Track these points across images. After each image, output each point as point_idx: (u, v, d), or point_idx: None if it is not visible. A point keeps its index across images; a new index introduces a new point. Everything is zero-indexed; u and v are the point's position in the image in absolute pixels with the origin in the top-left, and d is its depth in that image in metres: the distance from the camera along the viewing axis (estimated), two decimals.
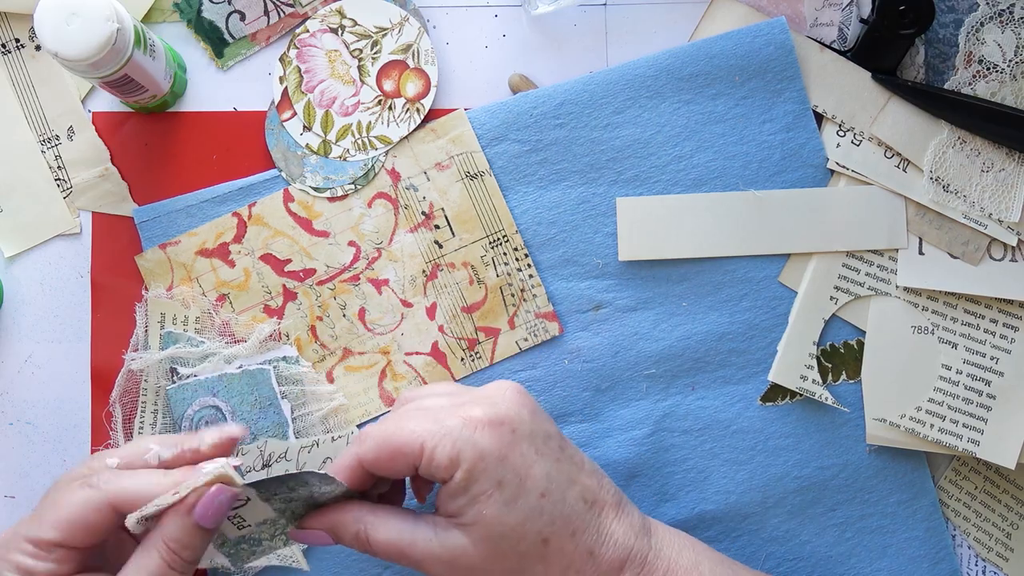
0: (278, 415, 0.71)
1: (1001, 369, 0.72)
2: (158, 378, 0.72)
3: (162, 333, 0.72)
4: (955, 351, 0.73)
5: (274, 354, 0.72)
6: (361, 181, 0.73)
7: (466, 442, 0.57)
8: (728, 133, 0.73)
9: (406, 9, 0.74)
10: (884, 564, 0.73)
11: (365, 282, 0.73)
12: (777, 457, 0.73)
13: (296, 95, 0.74)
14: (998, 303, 0.73)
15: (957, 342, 0.73)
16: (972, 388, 0.72)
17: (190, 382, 0.71)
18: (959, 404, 0.72)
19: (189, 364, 0.72)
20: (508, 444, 0.58)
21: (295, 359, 0.72)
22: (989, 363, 0.72)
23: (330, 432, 0.72)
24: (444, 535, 0.58)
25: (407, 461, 0.58)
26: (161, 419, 0.72)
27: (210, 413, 0.71)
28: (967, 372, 0.73)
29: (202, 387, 0.71)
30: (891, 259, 0.73)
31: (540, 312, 0.73)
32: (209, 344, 0.72)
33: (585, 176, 0.73)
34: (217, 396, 0.71)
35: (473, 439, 0.57)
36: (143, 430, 0.72)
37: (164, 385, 0.72)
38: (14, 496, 0.74)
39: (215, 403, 0.71)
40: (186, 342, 0.72)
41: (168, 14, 0.75)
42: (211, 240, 0.73)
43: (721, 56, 0.73)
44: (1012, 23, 0.73)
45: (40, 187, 0.74)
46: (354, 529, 0.59)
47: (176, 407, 0.71)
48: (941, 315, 0.73)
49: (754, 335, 0.73)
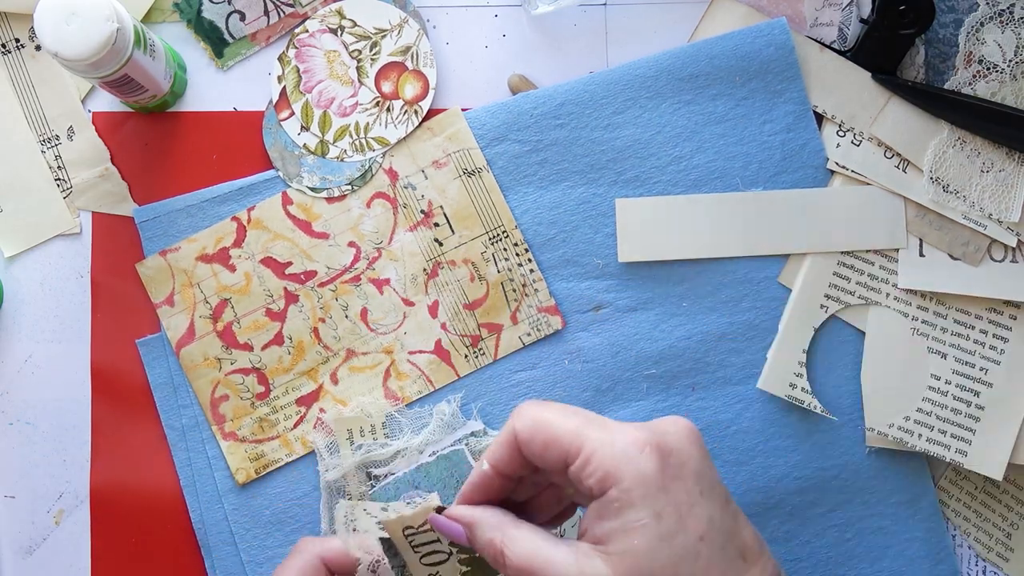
0: None
1: (990, 380, 0.72)
2: (358, 485, 0.72)
3: (353, 448, 0.72)
4: (944, 361, 0.73)
5: (463, 432, 0.72)
6: (358, 182, 0.73)
7: (629, 460, 0.52)
8: (728, 134, 0.73)
9: (406, 11, 0.74)
10: (884, 565, 0.73)
11: (366, 282, 0.73)
12: (777, 458, 0.73)
13: (294, 95, 0.74)
14: (988, 313, 0.73)
15: (947, 352, 0.73)
16: (961, 399, 0.72)
17: (390, 481, 0.71)
18: (947, 415, 0.72)
19: (383, 464, 0.72)
20: (672, 477, 0.53)
21: (483, 432, 0.72)
22: (978, 374, 0.72)
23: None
24: (585, 561, 0.52)
25: (560, 455, 0.54)
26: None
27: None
28: (956, 383, 0.73)
29: (403, 483, 0.71)
30: (885, 265, 0.73)
31: (542, 307, 0.73)
32: (396, 441, 0.72)
33: (585, 176, 0.73)
34: (420, 488, 0.70)
35: (637, 459, 0.52)
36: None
37: (365, 492, 0.71)
38: (14, 496, 0.74)
39: (420, 495, 0.70)
40: (375, 445, 0.72)
41: (168, 14, 0.75)
42: (211, 245, 0.73)
43: (721, 57, 0.73)
44: (1012, 23, 0.73)
45: (40, 187, 0.74)
46: (491, 535, 0.56)
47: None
48: (931, 325, 0.73)
49: (754, 336, 0.74)
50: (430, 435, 0.72)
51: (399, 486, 0.71)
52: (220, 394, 0.73)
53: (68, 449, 0.74)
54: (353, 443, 0.72)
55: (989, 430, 0.72)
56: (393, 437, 0.73)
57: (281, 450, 0.73)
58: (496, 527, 0.56)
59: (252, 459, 0.73)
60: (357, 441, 0.72)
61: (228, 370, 0.73)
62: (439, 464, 0.71)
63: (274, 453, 0.73)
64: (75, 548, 0.74)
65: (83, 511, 0.74)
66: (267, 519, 0.73)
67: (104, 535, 0.74)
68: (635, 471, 0.52)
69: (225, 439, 0.73)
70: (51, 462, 0.74)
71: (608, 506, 0.53)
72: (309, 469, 0.73)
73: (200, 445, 0.73)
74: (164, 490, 0.74)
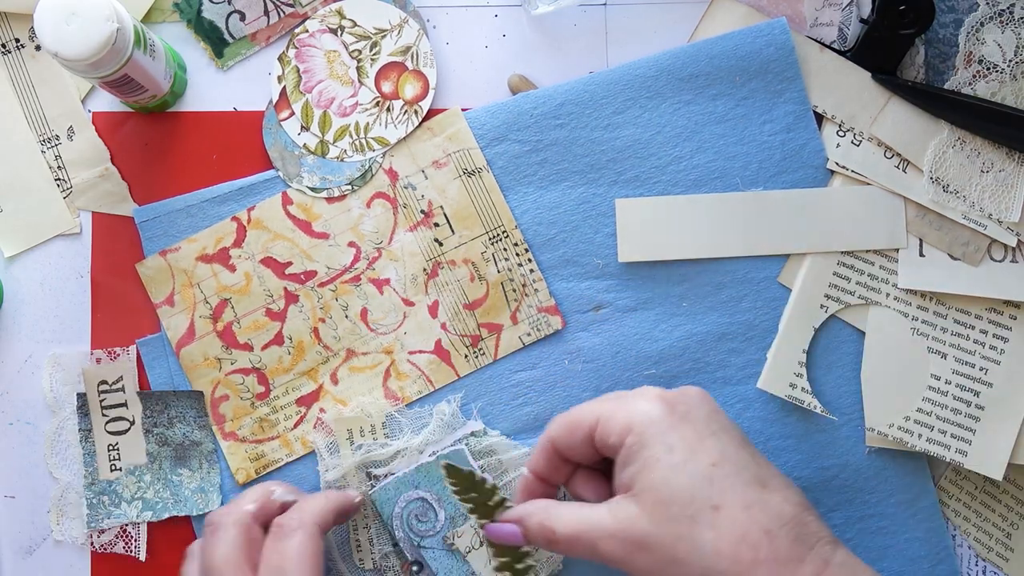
0: None
1: (990, 380, 0.72)
2: (359, 485, 0.72)
3: (353, 448, 0.72)
4: (944, 361, 0.73)
5: (463, 432, 0.72)
6: (358, 182, 0.73)
7: (638, 412, 0.60)
8: (728, 134, 0.73)
9: (406, 11, 0.74)
10: (884, 565, 0.73)
11: (366, 282, 0.73)
12: (777, 458, 0.73)
13: (294, 95, 0.74)
14: (988, 313, 0.73)
15: (947, 352, 0.73)
16: (961, 399, 0.72)
17: (390, 481, 0.71)
18: (947, 415, 0.72)
19: (383, 464, 0.72)
20: (680, 418, 0.59)
21: (483, 432, 0.72)
22: (978, 374, 0.72)
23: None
24: (617, 509, 0.59)
25: (584, 432, 0.61)
26: (373, 523, 0.72)
27: (417, 506, 0.71)
28: (956, 383, 0.72)
29: (403, 483, 0.71)
30: (885, 265, 0.73)
31: (542, 306, 0.73)
32: (396, 441, 0.72)
33: (585, 176, 0.73)
34: (420, 488, 0.71)
35: (646, 408, 0.60)
36: (360, 546, 0.72)
37: (365, 491, 0.72)
38: (14, 496, 0.74)
39: (420, 495, 0.71)
40: (375, 445, 0.72)
41: (168, 14, 0.75)
42: (211, 245, 0.73)
43: (721, 57, 0.73)
44: (1012, 23, 0.73)
45: (40, 187, 0.74)
46: (538, 519, 0.61)
47: (383, 508, 0.71)
48: (931, 325, 0.73)
49: (754, 336, 0.73)
50: (430, 435, 0.72)
51: (399, 486, 0.71)
52: (220, 394, 0.73)
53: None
54: (353, 443, 0.72)
55: (989, 430, 0.72)
56: (393, 437, 0.73)
57: (281, 450, 0.73)
58: (541, 510, 0.62)
59: (252, 459, 0.73)
60: (357, 441, 0.72)
61: (228, 370, 0.73)
62: (439, 464, 0.71)
63: (274, 453, 0.73)
64: (76, 548, 0.74)
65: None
66: None
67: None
68: (645, 416, 0.59)
69: (225, 439, 0.73)
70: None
71: (628, 453, 0.59)
72: (309, 469, 0.73)
73: None
74: None
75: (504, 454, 0.72)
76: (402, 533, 0.71)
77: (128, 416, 0.72)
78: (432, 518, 0.71)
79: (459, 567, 0.70)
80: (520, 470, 0.71)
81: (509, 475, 0.72)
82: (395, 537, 0.71)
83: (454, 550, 0.70)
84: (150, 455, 0.72)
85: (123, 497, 0.72)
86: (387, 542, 0.72)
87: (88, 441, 0.72)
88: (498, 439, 0.72)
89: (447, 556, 0.71)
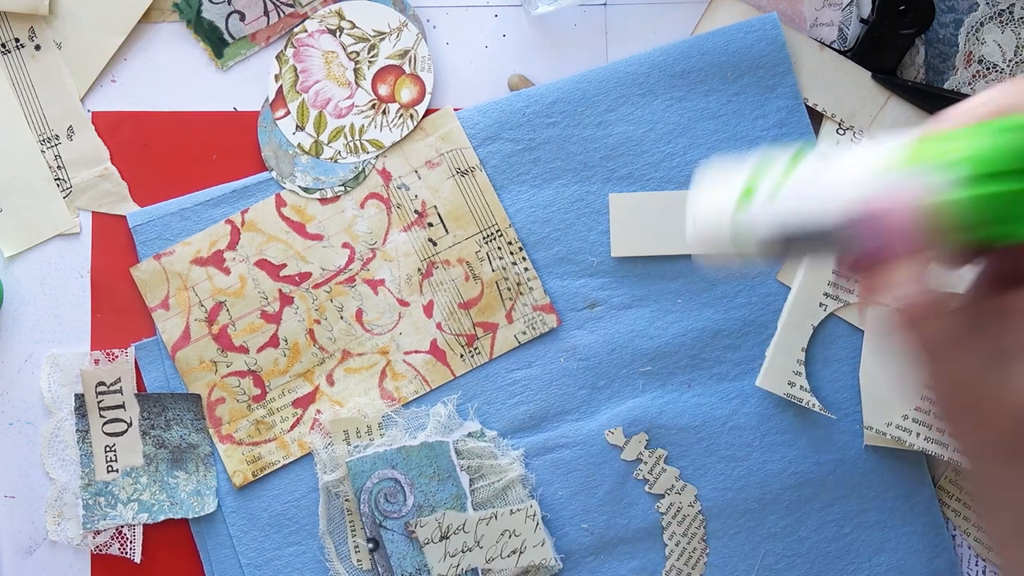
0: (456, 487, 0.71)
1: None
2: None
3: (350, 449, 0.73)
4: None
5: (460, 433, 0.73)
6: (352, 183, 0.73)
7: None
8: (721, 129, 0.73)
9: (405, 14, 0.74)
10: (883, 559, 0.73)
11: (361, 283, 0.73)
12: (774, 453, 0.73)
13: (291, 94, 0.74)
14: None
15: None
16: None
17: (369, 455, 0.71)
18: None
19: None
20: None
21: (480, 432, 0.73)
22: None
23: (508, 505, 0.72)
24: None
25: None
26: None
27: (388, 485, 0.71)
28: None
29: (381, 460, 0.71)
30: None
31: (537, 305, 0.73)
32: (389, 435, 0.73)
33: (578, 174, 0.73)
34: (396, 468, 0.71)
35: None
36: (359, 548, 0.73)
37: (343, 458, 0.72)
38: (14, 496, 0.74)
39: (394, 475, 0.71)
40: (373, 446, 0.73)
41: (168, 14, 0.75)
42: (205, 248, 0.73)
43: (713, 52, 0.73)
44: (1012, 23, 0.73)
45: (40, 187, 0.74)
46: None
47: (355, 479, 0.71)
48: None
49: (749, 332, 0.73)
50: (427, 439, 0.72)
51: (376, 462, 0.71)
52: (216, 397, 0.73)
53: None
54: (350, 444, 0.72)
55: None
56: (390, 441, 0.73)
57: (278, 452, 0.73)
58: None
59: (249, 461, 0.73)
60: (354, 442, 0.72)
61: (224, 373, 0.73)
62: (421, 451, 0.71)
63: (271, 455, 0.73)
64: (75, 548, 0.74)
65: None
66: (265, 521, 0.73)
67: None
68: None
69: (222, 442, 0.73)
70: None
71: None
72: (306, 471, 0.73)
73: None
74: None
75: (487, 460, 0.72)
76: (367, 508, 0.71)
77: (125, 418, 0.73)
78: (400, 501, 0.71)
79: (413, 556, 0.70)
80: (503, 474, 0.71)
81: (487, 479, 0.72)
82: (360, 510, 0.71)
83: (413, 538, 0.70)
84: (147, 457, 0.72)
85: (119, 499, 0.72)
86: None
87: (85, 442, 0.72)
88: (487, 445, 0.72)
89: (404, 542, 0.70)
